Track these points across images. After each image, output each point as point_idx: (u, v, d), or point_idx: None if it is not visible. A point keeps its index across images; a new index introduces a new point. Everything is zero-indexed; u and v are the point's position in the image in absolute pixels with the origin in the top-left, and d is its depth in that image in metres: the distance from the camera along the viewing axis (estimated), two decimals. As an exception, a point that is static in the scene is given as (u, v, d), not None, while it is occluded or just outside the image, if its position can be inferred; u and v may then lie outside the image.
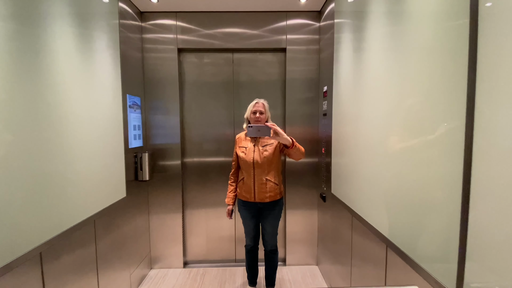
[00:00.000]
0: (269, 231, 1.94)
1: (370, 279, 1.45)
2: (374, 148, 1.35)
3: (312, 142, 2.45)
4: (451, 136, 0.85)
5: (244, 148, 1.87)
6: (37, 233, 1.18)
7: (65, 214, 1.36)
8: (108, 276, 1.79)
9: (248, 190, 1.86)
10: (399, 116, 1.12)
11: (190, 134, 2.53)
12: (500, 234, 0.69)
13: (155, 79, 2.40)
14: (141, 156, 2.23)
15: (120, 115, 1.95)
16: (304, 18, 2.39)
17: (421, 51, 0.99)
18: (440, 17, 0.90)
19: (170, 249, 2.52)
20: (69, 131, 1.40)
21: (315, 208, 2.51)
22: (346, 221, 1.77)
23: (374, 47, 1.36)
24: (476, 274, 0.77)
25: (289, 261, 2.56)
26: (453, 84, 0.84)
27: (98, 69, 1.68)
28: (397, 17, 1.14)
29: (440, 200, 0.90)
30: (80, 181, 1.48)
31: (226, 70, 2.50)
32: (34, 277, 1.17)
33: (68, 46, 1.40)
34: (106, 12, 1.79)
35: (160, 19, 2.37)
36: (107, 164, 1.76)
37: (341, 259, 1.91)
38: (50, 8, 1.28)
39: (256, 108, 1.83)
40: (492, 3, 0.71)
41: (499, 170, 0.69)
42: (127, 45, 2.09)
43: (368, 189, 1.42)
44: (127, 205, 2.06)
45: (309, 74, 2.43)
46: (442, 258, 0.89)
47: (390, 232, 1.21)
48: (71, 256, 1.41)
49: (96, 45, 1.66)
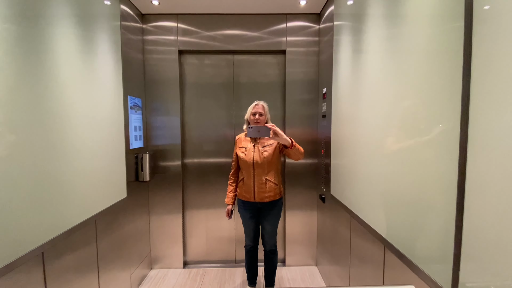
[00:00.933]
0: (268, 231, 1.95)
1: (368, 280, 1.46)
2: (372, 149, 1.36)
3: (311, 143, 2.46)
4: (446, 137, 0.86)
5: (244, 149, 1.88)
6: (40, 232, 1.20)
7: (67, 214, 1.38)
8: (109, 276, 1.80)
9: (248, 190, 1.88)
10: (396, 117, 1.14)
11: (190, 135, 2.55)
12: (495, 235, 0.70)
13: (156, 81, 2.42)
14: (142, 157, 2.25)
15: (121, 116, 1.97)
16: (303, 21, 2.42)
17: (418, 53, 1.00)
18: (435, 20, 0.92)
19: (170, 250, 2.53)
20: (71, 132, 1.42)
21: (314, 209, 2.52)
22: (345, 222, 1.78)
23: (372, 49, 1.38)
24: (471, 274, 0.78)
25: (288, 261, 2.57)
26: (448, 86, 0.85)
27: (100, 71, 1.70)
28: (394, 19, 1.16)
29: (436, 200, 0.91)
30: (81, 181, 1.50)
31: (226, 72, 2.52)
32: (36, 276, 1.18)
33: (70, 47, 1.42)
34: (108, 14, 1.82)
35: (161, 21, 2.39)
36: (108, 164, 1.78)
37: (340, 260, 1.92)
38: (53, 10, 1.30)
39: (256, 109, 1.85)
40: (489, 6, 0.72)
41: (493, 170, 0.70)
42: (128, 46, 2.11)
43: (366, 190, 1.43)
44: (127, 206, 2.07)
45: (309, 76, 2.45)
46: (438, 258, 0.91)
47: (388, 232, 1.22)
48: (72, 255, 1.43)
49: (98, 46, 1.68)
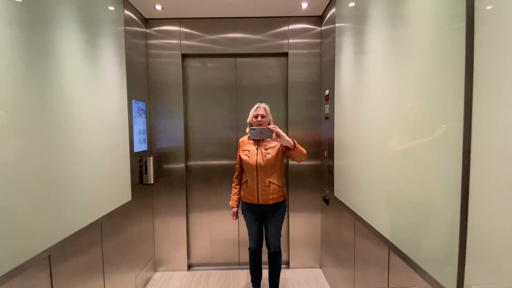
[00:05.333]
0: (272, 233, 1.95)
1: (373, 282, 1.46)
2: (375, 151, 1.36)
3: (314, 145, 2.46)
4: (450, 138, 0.86)
5: (248, 151, 1.89)
6: (46, 236, 1.21)
7: (73, 218, 1.39)
8: (114, 279, 1.81)
9: (251, 193, 1.88)
10: (399, 118, 1.14)
11: (194, 138, 2.57)
12: (500, 236, 0.70)
13: (160, 84, 2.45)
14: (146, 160, 2.27)
15: (125, 120, 1.99)
16: (305, 23, 2.42)
17: (420, 55, 1.01)
18: (437, 21, 0.92)
19: (174, 252, 2.54)
20: (76, 136, 1.43)
21: (318, 211, 2.51)
22: (349, 224, 1.77)
23: (374, 50, 1.38)
24: (476, 275, 0.78)
25: (292, 264, 2.56)
26: (451, 87, 0.85)
27: (104, 75, 1.72)
28: (396, 21, 1.16)
29: (440, 202, 0.91)
30: (87, 184, 1.51)
31: (229, 75, 2.54)
32: (43, 279, 1.20)
33: (75, 52, 1.44)
34: (112, 19, 1.84)
35: (164, 25, 2.42)
36: (113, 168, 1.80)
37: (344, 262, 1.91)
38: (58, 17, 1.32)
39: (258, 112, 1.86)
40: (492, 7, 0.72)
41: (497, 171, 0.70)
42: (132, 51, 2.14)
43: (370, 191, 1.43)
44: (132, 209, 2.09)
45: (311, 78, 2.45)
46: (443, 260, 0.90)
47: (392, 234, 1.22)
48: (78, 258, 1.44)
49: (103, 51, 1.71)
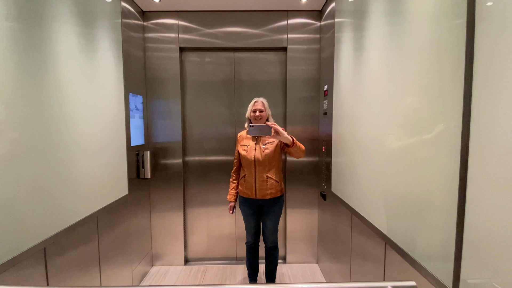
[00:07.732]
0: (269, 227, 1.96)
1: (369, 277, 1.47)
2: (373, 147, 1.36)
3: (312, 141, 2.46)
4: (448, 135, 0.86)
5: (246, 146, 1.89)
6: (42, 228, 1.21)
7: (69, 211, 1.39)
8: (111, 272, 1.81)
9: (249, 187, 1.88)
10: (398, 115, 1.13)
11: (191, 133, 2.55)
12: (496, 231, 0.70)
13: (157, 78, 2.42)
14: (143, 154, 2.26)
15: (122, 114, 1.97)
16: (305, 18, 2.40)
17: (419, 51, 1.00)
18: (438, 17, 0.91)
19: (171, 247, 2.54)
20: (73, 129, 1.42)
21: (315, 207, 2.52)
22: (346, 219, 1.78)
23: (374, 46, 1.37)
24: (472, 270, 0.78)
25: (289, 259, 2.58)
26: (450, 84, 0.85)
27: (101, 68, 1.70)
28: (396, 16, 1.15)
29: (437, 198, 0.91)
30: (83, 178, 1.50)
31: (227, 69, 2.52)
32: (38, 271, 1.19)
33: (71, 45, 1.42)
34: (109, 12, 1.81)
35: (162, 18, 2.39)
36: (109, 161, 1.78)
37: (340, 257, 1.92)
38: (54, 8, 1.30)
39: (256, 106, 1.85)
40: (492, 3, 0.72)
41: (494, 168, 0.70)
42: (129, 44, 2.11)
43: (367, 187, 1.43)
44: (129, 203, 2.08)
45: (310, 73, 2.44)
46: (440, 254, 0.91)
47: (389, 229, 1.22)
48: (74, 252, 1.43)
49: (99, 44, 1.68)
